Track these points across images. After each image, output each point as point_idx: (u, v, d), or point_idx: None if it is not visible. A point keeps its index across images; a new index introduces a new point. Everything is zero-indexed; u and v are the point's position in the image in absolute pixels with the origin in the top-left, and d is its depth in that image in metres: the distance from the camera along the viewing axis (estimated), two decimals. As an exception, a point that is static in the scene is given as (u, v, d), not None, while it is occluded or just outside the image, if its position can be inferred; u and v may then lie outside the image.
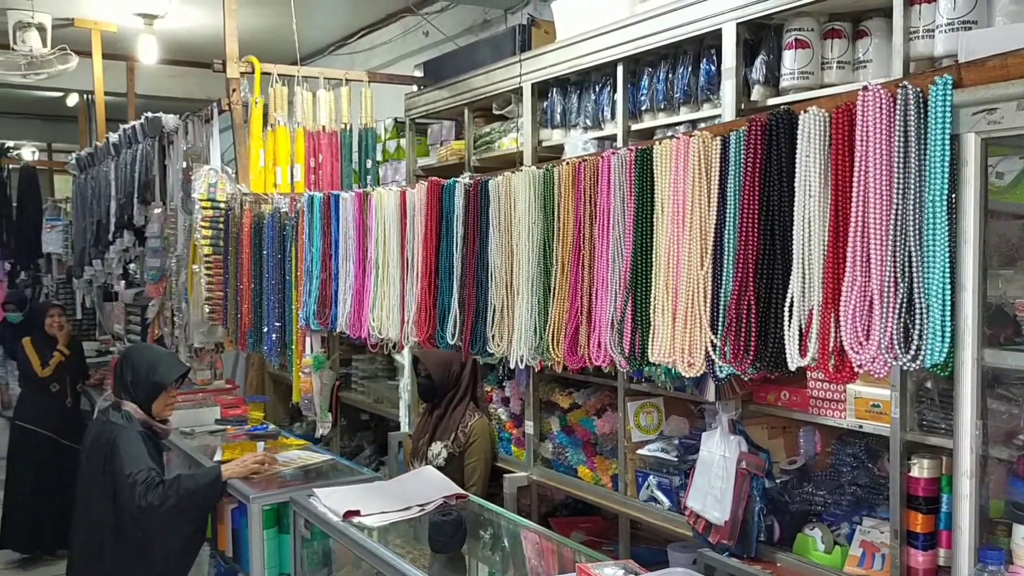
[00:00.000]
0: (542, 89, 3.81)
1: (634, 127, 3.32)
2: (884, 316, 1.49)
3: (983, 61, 1.47)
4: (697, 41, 3.03)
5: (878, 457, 2.51)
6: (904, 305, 1.48)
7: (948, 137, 1.45)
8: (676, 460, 3.06)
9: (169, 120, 5.53)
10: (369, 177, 5.08)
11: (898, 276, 1.48)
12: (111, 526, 3.26)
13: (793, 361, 1.64)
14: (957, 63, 1.55)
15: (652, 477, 3.14)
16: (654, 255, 1.93)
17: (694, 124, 3.03)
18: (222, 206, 4.38)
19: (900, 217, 1.48)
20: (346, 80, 5.12)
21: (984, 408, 1.54)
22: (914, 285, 1.47)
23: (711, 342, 1.80)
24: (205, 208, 4.41)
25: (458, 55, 5.10)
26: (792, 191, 1.64)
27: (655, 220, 1.93)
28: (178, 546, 3.35)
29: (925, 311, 1.46)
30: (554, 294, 2.21)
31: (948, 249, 1.45)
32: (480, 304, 2.46)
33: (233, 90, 4.82)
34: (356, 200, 3.08)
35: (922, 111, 1.49)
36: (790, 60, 2.71)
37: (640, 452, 3.20)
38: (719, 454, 2.63)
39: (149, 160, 5.79)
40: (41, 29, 6.69)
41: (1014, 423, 1.71)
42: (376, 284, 2.95)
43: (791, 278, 1.64)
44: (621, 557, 3.19)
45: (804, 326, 1.63)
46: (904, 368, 1.50)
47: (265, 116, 4.87)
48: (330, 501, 3.05)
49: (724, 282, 1.78)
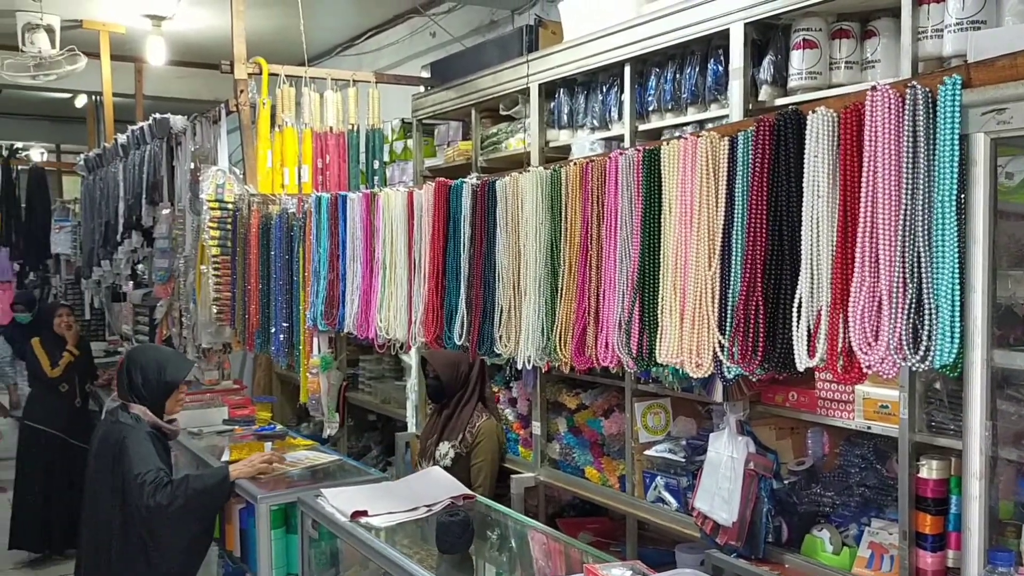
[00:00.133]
0: (549, 90, 3.80)
1: (641, 128, 3.32)
2: (893, 317, 1.49)
3: (992, 61, 1.46)
4: (705, 41, 3.03)
5: (887, 458, 2.51)
6: (913, 306, 1.48)
7: (957, 137, 1.45)
8: (684, 461, 3.05)
9: (177, 121, 5.55)
10: (376, 178, 5.09)
11: (907, 276, 1.48)
12: (119, 526, 3.27)
13: (801, 362, 1.64)
14: (966, 63, 1.54)
15: (659, 478, 3.13)
16: (662, 255, 1.93)
17: (701, 124, 3.03)
18: (230, 207, 4.39)
19: (909, 217, 1.48)
20: (353, 81, 5.12)
21: (994, 409, 1.53)
22: (923, 286, 1.47)
23: (719, 343, 1.79)
24: (213, 209, 4.43)
25: (465, 56, 5.10)
26: (800, 191, 1.64)
27: (663, 220, 1.93)
28: (186, 546, 3.36)
29: (934, 312, 1.46)
30: (561, 295, 2.21)
31: (957, 250, 1.45)
32: (487, 305, 2.46)
33: (241, 91, 4.83)
34: (363, 201, 3.08)
35: (931, 111, 1.48)
36: (798, 60, 2.71)
37: (647, 453, 3.19)
38: (727, 455, 2.63)
39: (157, 161, 5.81)
40: (50, 31, 6.71)
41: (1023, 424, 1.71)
42: (383, 285, 2.95)
43: (799, 278, 1.64)
44: (628, 558, 3.19)
45: (812, 327, 1.62)
46: (913, 369, 1.49)
47: (273, 117, 4.88)
48: (337, 501, 3.05)
49: (732, 282, 1.77)
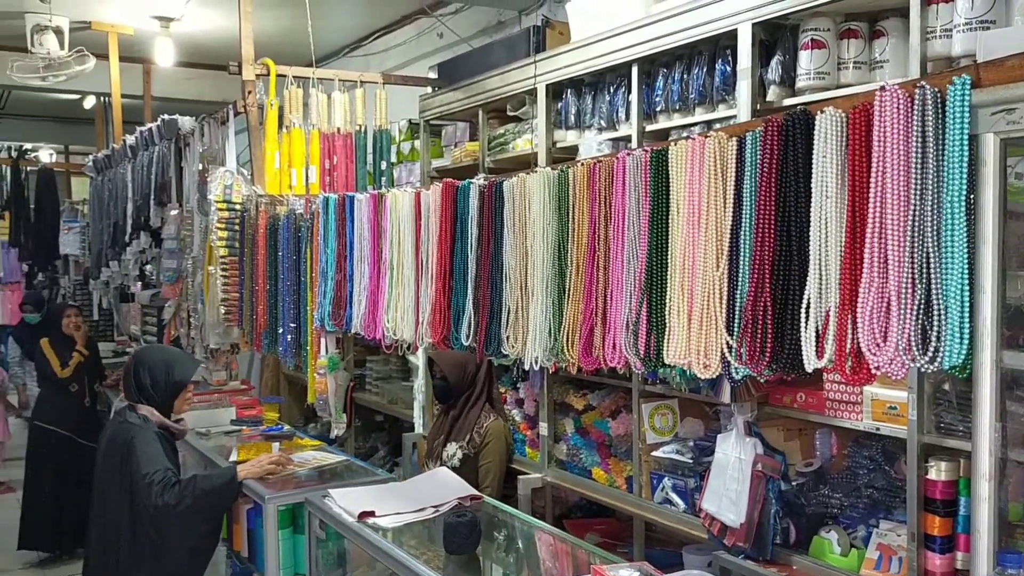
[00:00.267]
0: (556, 90, 3.80)
1: (649, 128, 3.31)
2: (902, 317, 1.48)
3: (1002, 61, 1.46)
4: (712, 41, 3.02)
5: (895, 459, 2.50)
6: (922, 306, 1.47)
7: (967, 137, 1.44)
8: (691, 462, 3.05)
9: (185, 122, 5.56)
10: (384, 178, 5.09)
11: (916, 277, 1.47)
12: (127, 526, 3.28)
13: (810, 363, 1.63)
14: (976, 63, 1.54)
15: (667, 479, 3.13)
16: (669, 256, 1.92)
17: (709, 125, 3.02)
18: (238, 208, 4.40)
19: (918, 218, 1.47)
20: (361, 82, 5.13)
21: (1003, 410, 1.53)
22: (932, 286, 1.46)
23: (727, 343, 1.79)
24: (221, 210, 4.44)
25: (472, 56, 5.11)
26: (808, 192, 1.64)
27: (670, 221, 1.92)
28: (193, 546, 3.37)
29: (943, 312, 1.45)
30: (569, 295, 2.21)
31: (966, 250, 1.44)
32: (495, 305, 2.46)
33: (249, 92, 4.84)
34: (371, 201, 3.08)
35: (940, 111, 1.47)
36: (806, 60, 2.70)
37: (655, 454, 3.19)
38: (734, 456, 2.62)
39: (165, 162, 5.82)
40: (58, 32, 6.74)
41: (1033, 425, 1.70)
42: (391, 285, 2.95)
43: (808, 279, 1.63)
44: (636, 559, 3.19)
45: (821, 327, 1.62)
46: (922, 370, 1.49)
47: (280, 118, 4.89)
48: (345, 502, 3.06)
49: (740, 283, 1.77)
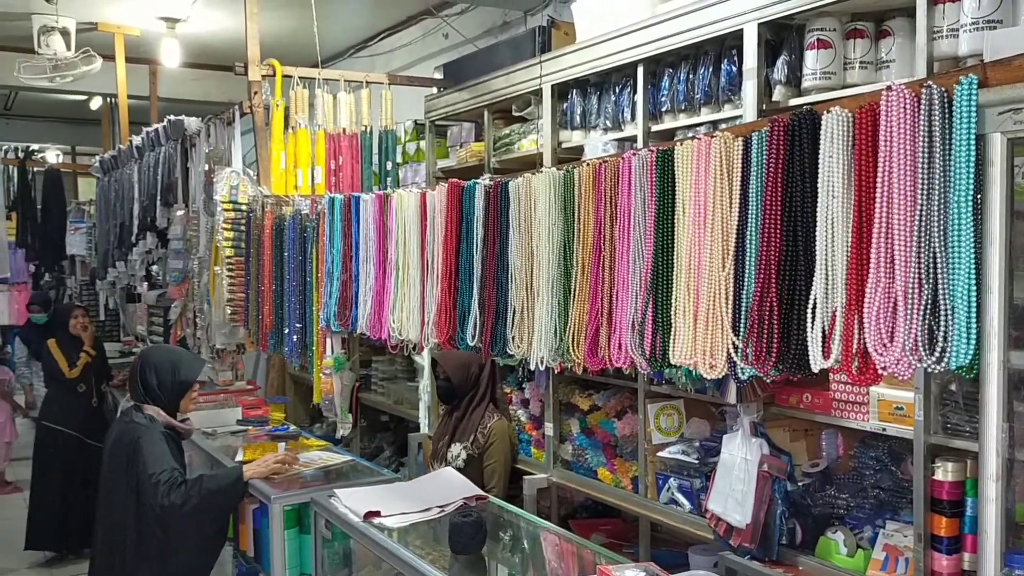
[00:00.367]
0: (562, 90, 3.80)
1: (654, 128, 3.31)
2: (908, 318, 1.48)
3: (1009, 60, 1.45)
4: (718, 42, 3.02)
5: (901, 460, 2.49)
6: (929, 307, 1.47)
7: (973, 137, 1.44)
8: (697, 462, 3.04)
9: (191, 123, 5.57)
10: (389, 179, 5.10)
11: (923, 277, 1.47)
12: (133, 526, 3.29)
13: (816, 363, 1.63)
14: (982, 62, 1.53)
15: (673, 479, 3.13)
16: (675, 256, 1.92)
17: (715, 125, 3.02)
18: (244, 208, 4.41)
19: (924, 218, 1.47)
20: (366, 82, 5.13)
21: (1010, 411, 1.52)
22: (939, 286, 1.46)
23: (733, 344, 1.79)
24: (227, 210, 4.45)
25: (478, 57, 5.11)
26: (815, 192, 1.63)
27: (676, 221, 1.92)
28: (200, 545, 3.38)
29: (950, 313, 1.45)
30: (574, 295, 2.21)
31: (973, 250, 1.44)
32: (500, 305, 2.46)
33: (255, 93, 4.85)
34: (376, 202, 3.09)
35: (947, 111, 1.47)
36: (812, 60, 2.70)
37: (660, 454, 3.18)
38: (740, 456, 2.62)
39: (172, 163, 5.84)
40: (65, 33, 6.75)
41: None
42: (396, 286, 2.95)
43: (814, 279, 1.63)
44: (641, 559, 3.19)
45: (827, 327, 1.61)
46: (928, 370, 1.48)
47: (286, 118, 4.90)
48: (351, 502, 3.06)
49: (746, 283, 1.77)
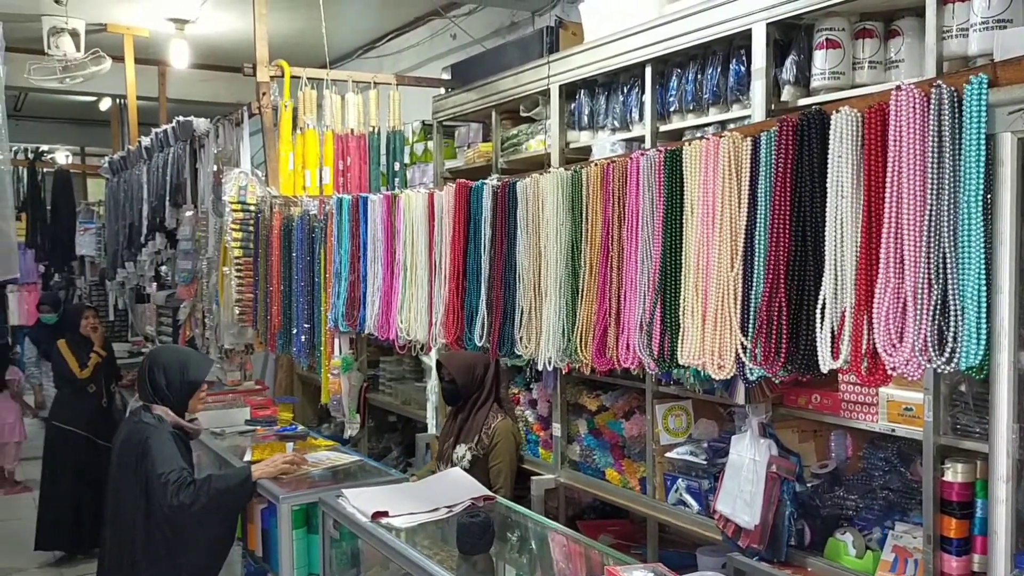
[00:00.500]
0: (570, 91, 3.80)
1: (662, 128, 3.31)
2: (918, 318, 1.47)
3: (1019, 60, 1.45)
4: (727, 42, 3.01)
5: (911, 461, 2.48)
6: (938, 307, 1.46)
7: (984, 137, 1.43)
8: (705, 463, 3.04)
9: (200, 124, 5.59)
10: (397, 179, 5.11)
11: (932, 277, 1.47)
12: (142, 525, 3.29)
13: (825, 363, 1.63)
14: (992, 62, 1.53)
15: (681, 480, 3.12)
16: (683, 256, 1.92)
17: (723, 125, 3.02)
18: (252, 209, 4.42)
19: (934, 218, 1.47)
20: (374, 83, 5.14)
21: (1021, 411, 1.52)
22: (949, 287, 1.45)
23: (741, 344, 1.79)
24: (235, 211, 4.46)
25: (486, 57, 5.11)
26: (824, 192, 1.63)
27: (684, 221, 1.92)
28: (208, 545, 3.39)
29: (960, 313, 1.44)
30: (582, 296, 2.20)
31: (983, 250, 1.43)
32: (508, 306, 2.46)
33: (263, 94, 4.87)
34: (384, 202, 3.09)
35: (957, 111, 1.47)
36: (821, 60, 2.69)
37: (669, 455, 3.18)
38: (749, 457, 2.61)
39: (180, 163, 5.86)
40: (75, 35, 6.78)
41: (1051, 427, 1.68)
42: (404, 286, 2.95)
43: (823, 279, 1.63)
44: (649, 560, 3.18)
45: (836, 328, 1.61)
46: (938, 371, 1.48)
47: (294, 119, 4.91)
48: (359, 502, 3.06)
49: (755, 283, 1.76)
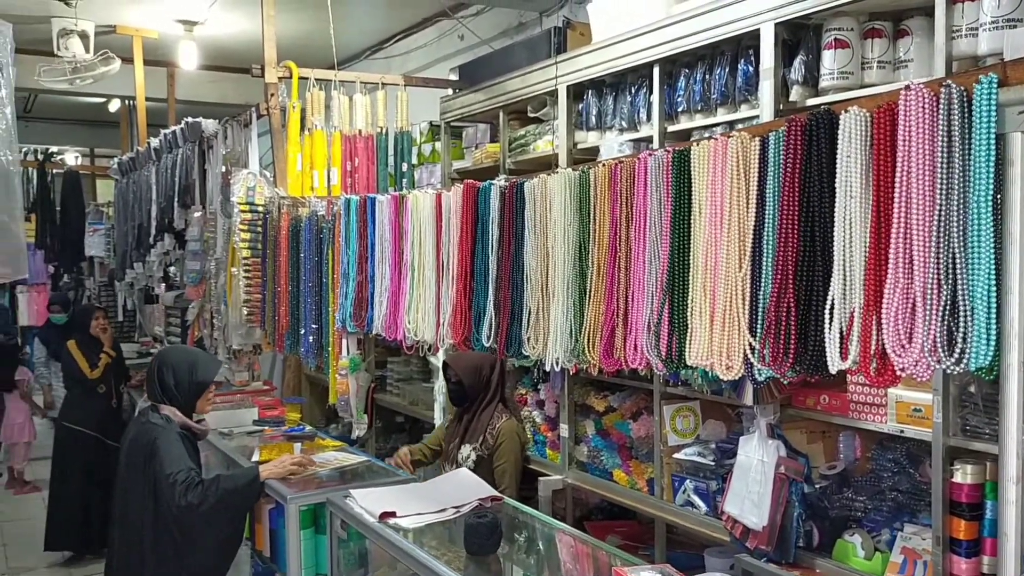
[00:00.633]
0: (577, 91, 3.80)
1: (670, 129, 3.30)
2: (927, 318, 1.47)
3: (1030, 59, 1.44)
4: (735, 42, 3.01)
5: (920, 462, 2.48)
6: (948, 307, 1.45)
7: (993, 136, 1.43)
8: (713, 464, 3.03)
9: (209, 125, 5.60)
10: (405, 180, 5.11)
11: (942, 278, 1.46)
12: (150, 526, 3.30)
13: (834, 364, 1.62)
14: (1002, 61, 1.52)
15: (689, 481, 3.12)
16: (691, 257, 1.92)
17: (731, 125, 3.01)
18: (260, 209, 4.43)
19: (944, 218, 1.46)
20: (382, 84, 5.15)
21: (1031, 413, 1.51)
22: (958, 287, 1.45)
23: (749, 345, 1.78)
24: (244, 211, 4.47)
25: (493, 58, 5.12)
26: (832, 192, 1.62)
27: (692, 221, 1.92)
28: (217, 546, 3.39)
29: (969, 313, 1.44)
30: (590, 296, 2.20)
31: (993, 250, 1.43)
32: (515, 306, 2.46)
33: (271, 95, 4.88)
34: (392, 203, 3.09)
35: (966, 110, 1.46)
36: (829, 60, 2.68)
37: (676, 456, 3.17)
38: (757, 458, 2.61)
39: (189, 164, 5.88)
40: (84, 36, 6.80)
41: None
42: (412, 286, 2.96)
43: (832, 280, 1.62)
44: (657, 561, 3.18)
45: (845, 328, 1.60)
46: (948, 371, 1.47)
47: (302, 120, 4.92)
48: (366, 502, 3.07)
49: (763, 284, 1.76)
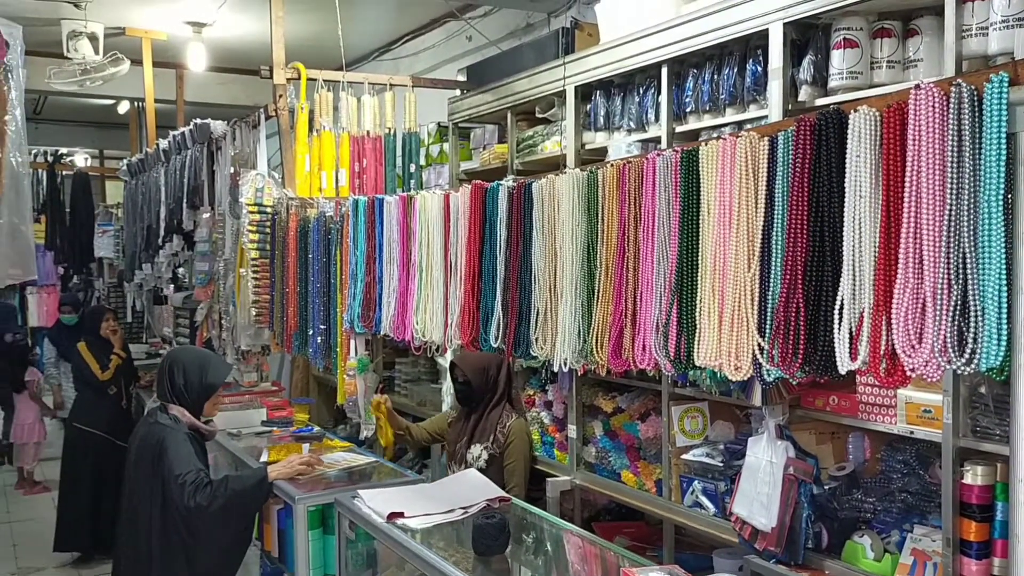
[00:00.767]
0: (585, 92, 3.80)
1: (678, 129, 3.30)
2: (937, 319, 1.46)
3: (1040, 58, 1.43)
4: (743, 42, 3.00)
5: (929, 464, 2.47)
6: (958, 307, 1.45)
7: (1004, 136, 1.42)
8: (721, 465, 3.03)
9: (217, 126, 5.62)
10: (413, 181, 5.12)
11: (952, 278, 1.45)
12: (158, 526, 3.30)
13: (843, 365, 1.61)
14: (1013, 60, 1.52)
15: (697, 482, 3.11)
16: (700, 257, 1.91)
17: (740, 125, 3.00)
18: (269, 210, 4.44)
19: (954, 217, 1.45)
20: (390, 85, 5.15)
21: (1042, 413, 1.50)
22: (969, 287, 1.44)
23: (758, 345, 1.77)
24: (252, 212, 4.48)
25: (501, 59, 5.12)
26: (842, 192, 1.62)
27: (701, 222, 1.91)
28: (225, 546, 3.39)
29: (980, 314, 1.43)
30: (598, 297, 2.20)
31: (1004, 250, 1.42)
32: (523, 307, 2.46)
33: (280, 96, 4.89)
34: (400, 204, 3.10)
35: (977, 110, 1.45)
36: (838, 60, 2.67)
37: (685, 457, 3.17)
38: (766, 459, 2.60)
39: (198, 166, 5.89)
40: (93, 38, 6.83)
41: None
42: (420, 287, 2.96)
43: (841, 280, 1.62)
44: (666, 562, 3.17)
45: (855, 329, 1.60)
46: (958, 372, 1.46)
47: (311, 121, 4.93)
48: (374, 503, 3.07)
49: (772, 284, 1.75)
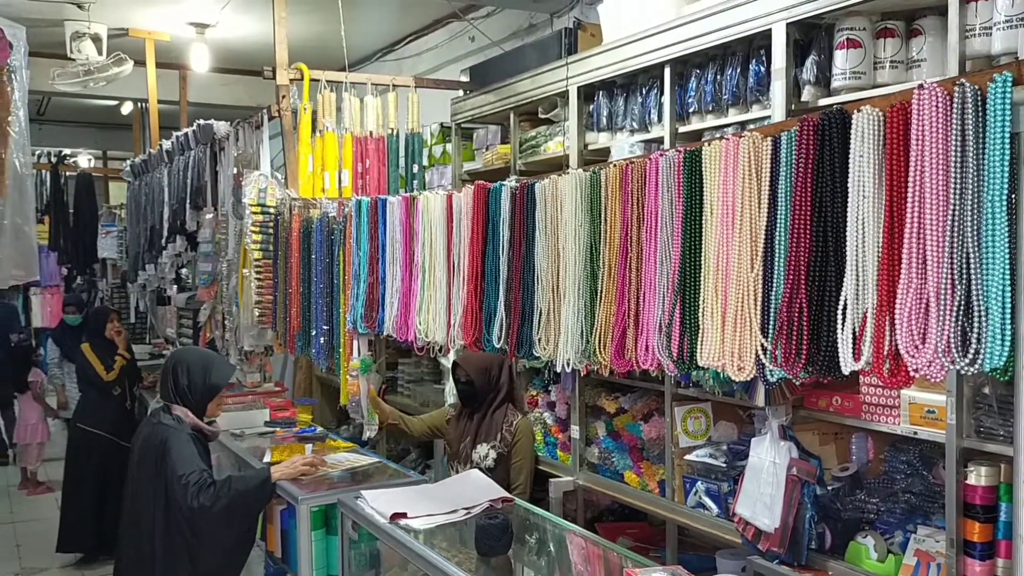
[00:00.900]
0: (588, 92, 3.80)
1: (681, 129, 3.30)
2: (941, 319, 1.46)
3: (1044, 58, 1.43)
4: (746, 42, 3.00)
5: (933, 464, 2.46)
6: (962, 307, 1.44)
7: (1008, 136, 1.42)
8: (725, 466, 3.02)
9: (220, 127, 5.62)
10: (415, 182, 5.12)
11: (955, 278, 1.45)
12: (161, 527, 3.30)
13: (847, 365, 1.61)
14: (1017, 60, 1.51)
15: (700, 483, 3.11)
16: (703, 257, 1.91)
17: (743, 126, 3.00)
18: (272, 211, 4.44)
19: (957, 217, 1.45)
20: (393, 86, 5.15)
21: (1046, 414, 1.49)
22: (972, 287, 1.44)
23: (761, 345, 1.77)
24: (255, 213, 4.48)
25: (504, 59, 5.12)
26: (845, 192, 1.62)
27: (704, 222, 1.91)
28: (228, 547, 3.39)
29: (984, 314, 1.43)
30: (601, 297, 2.20)
31: (1008, 250, 1.42)
32: (526, 307, 2.46)
33: (283, 97, 4.89)
34: (403, 204, 3.10)
35: (980, 110, 1.45)
36: (841, 60, 2.67)
37: (688, 458, 3.17)
38: (769, 460, 2.60)
39: (201, 166, 5.90)
40: (97, 39, 6.83)
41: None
42: (423, 288, 2.96)
43: (844, 280, 1.61)
44: (669, 563, 3.17)
45: (858, 329, 1.59)
46: (962, 372, 1.46)
47: (314, 122, 4.93)
48: (377, 503, 3.07)
49: (775, 284, 1.75)
